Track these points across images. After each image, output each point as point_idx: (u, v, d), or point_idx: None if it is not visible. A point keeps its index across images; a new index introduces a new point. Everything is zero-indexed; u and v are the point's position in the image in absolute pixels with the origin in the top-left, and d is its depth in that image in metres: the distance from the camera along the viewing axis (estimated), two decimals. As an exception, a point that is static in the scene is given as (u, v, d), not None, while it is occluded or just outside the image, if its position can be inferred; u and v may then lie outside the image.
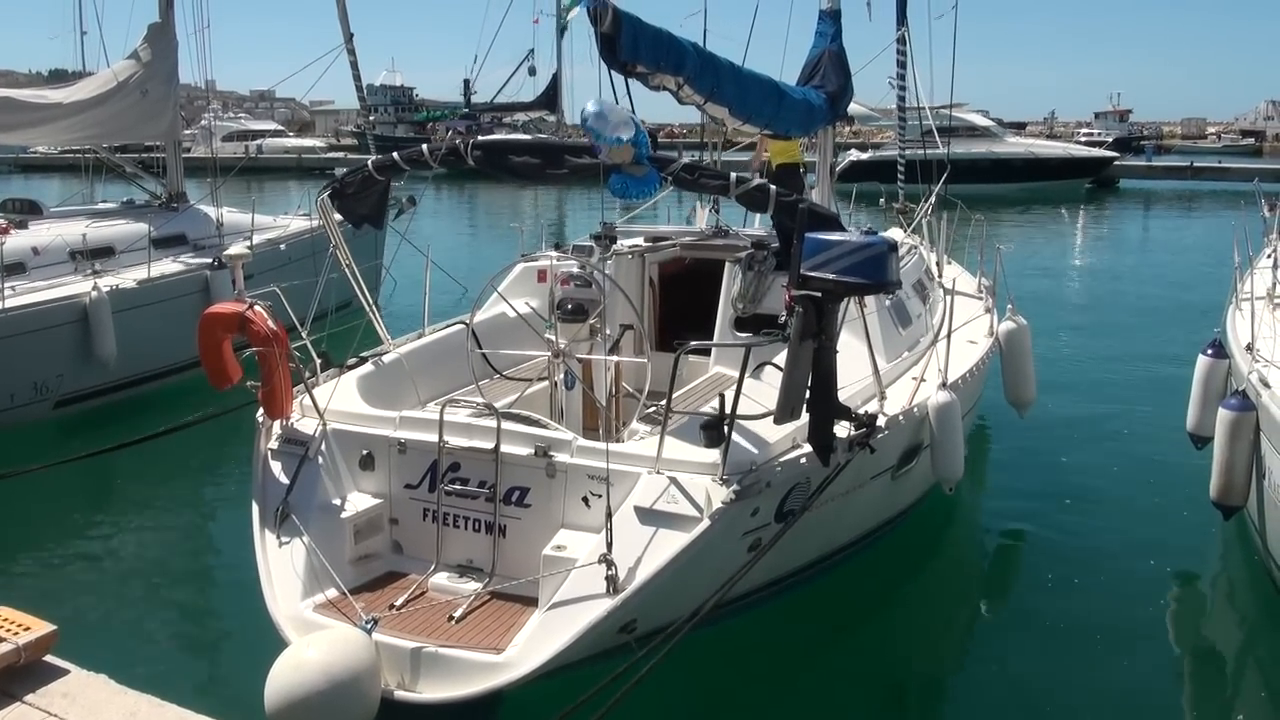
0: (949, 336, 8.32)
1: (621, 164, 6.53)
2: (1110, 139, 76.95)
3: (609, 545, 5.64)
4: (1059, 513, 9.95)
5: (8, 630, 5.25)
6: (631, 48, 7.14)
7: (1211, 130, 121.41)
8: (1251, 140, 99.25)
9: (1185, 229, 38.68)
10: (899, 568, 8.72)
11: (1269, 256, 12.34)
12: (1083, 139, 77.51)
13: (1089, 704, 6.88)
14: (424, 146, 7.49)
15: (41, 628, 5.31)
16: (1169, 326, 18.39)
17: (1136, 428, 12.47)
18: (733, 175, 7.00)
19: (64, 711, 4.92)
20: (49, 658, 5.30)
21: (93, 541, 9.67)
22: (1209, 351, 9.36)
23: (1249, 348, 8.64)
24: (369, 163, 7.66)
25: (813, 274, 5.83)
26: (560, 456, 6.39)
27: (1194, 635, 8.21)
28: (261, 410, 6.99)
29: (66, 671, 5.23)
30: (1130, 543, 9.31)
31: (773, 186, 6.95)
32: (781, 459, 6.32)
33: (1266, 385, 7.86)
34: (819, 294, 5.82)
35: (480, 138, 7.52)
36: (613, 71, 7.32)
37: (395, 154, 7.59)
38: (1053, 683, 7.15)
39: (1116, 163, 55.58)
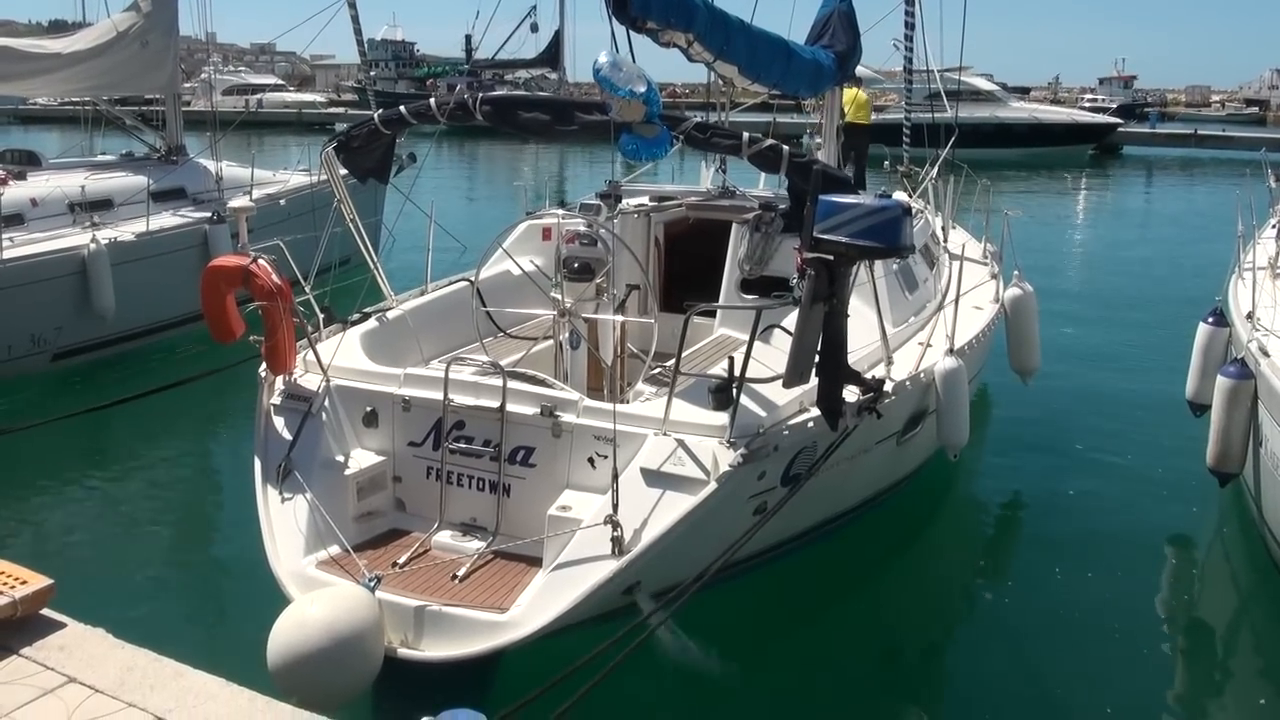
0: (956, 302, 8.27)
1: (632, 122, 6.42)
2: (1114, 105, 76.43)
3: (614, 506, 5.62)
4: (1059, 479, 9.98)
5: (4, 583, 5.23)
6: (642, 3, 7.02)
7: (1216, 98, 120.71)
8: (1255, 109, 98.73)
9: (1188, 197, 38.52)
10: (902, 532, 8.75)
11: (1274, 226, 12.29)
12: (1087, 105, 77.03)
13: (1085, 667, 6.91)
14: (431, 100, 7.36)
15: (38, 581, 5.29)
16: (1171, 294, 18.31)
17: (1137, 395, 12.46)
18: (745, 135, 6.91)
19: (60, 665, 4.91)
20: (46, 611, 5.29)
21: (92, 495, 9.64)
22: (1210, 320, 9.36)
23: (1249, 316, 8.63)
24: (375, 117, 7.55)
25: (826, 237, 5.75)
26: (566, 416, 6.35)
27: (1189, 600, 8.24)
28: (264, 365, 6.93)
29: (63, 625, 5.23)
30: (1128, 509, 9.36)
31: (785, 147, 6.86)
32: (789, 423, 6.28)
33: (1265, 354, 7.87)
34: (831, 257, 5.75)
35: (489, 93, 7.40)
36: (622, 28, 7.21)
37: (402, 108, 7.47)
38: (1050, 646, 7.19)
39: (1120, 129, 55.25)
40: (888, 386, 6.95)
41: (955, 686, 7.02)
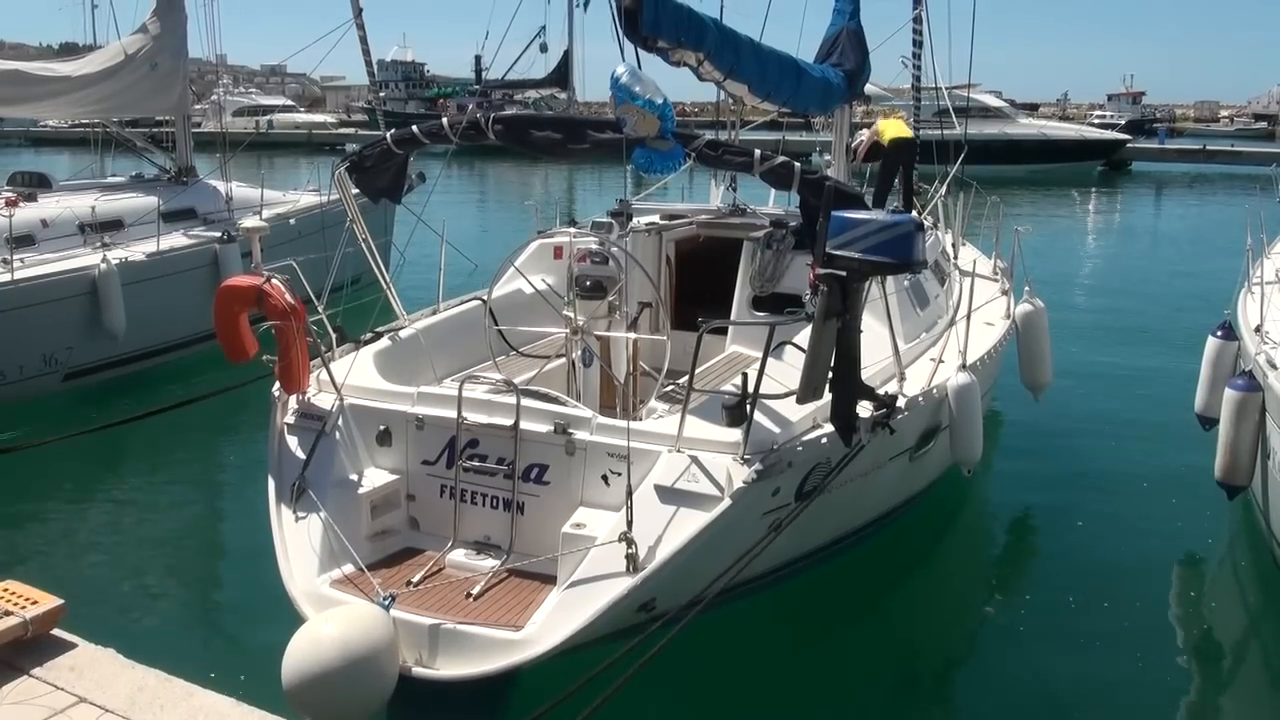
0: (968, 318, 8.25)
1: (645, 138, 6.44)
2: (1123, 121, 76.57)
3: (629, 524, 5.60)
4: (1070, 493, 9.97)
5: (14, 604, 5.24)
6: (653, 22, 7.06)
7: (1224, 113, 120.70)
8: (1264, 124, 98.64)
9: (1197, 212, 38.55)
10: (916, 548, 8.73)
11: None
12: (1095, 121, 77.14)
13: (1097, 681, 6.91)
14: (444, 120, 7.41)
15: (49, 601, 5.30)
16: (1180, 308, 18.35)
17: (1147, 409, 12.48)
18: (756, 152, 6.92)
19: (71, 685, 4.91)
20: (56, 631, 5.30)
21: (103, 515, 9.64)
22: (1219, 333, 9.37)
23: (1258, 329, 8.65)
24: (388, 136, 7.59)
25: (838, 252, 5.75)
26: (580, 434, 6.33)
27: (1198, 613, 8.21)
28: (277, 385, 6.94)
29: (74, 645, 5.24)
30: (1138, 522, 9.37)
31: (797, 164, 6.86)
32: (803, 439, 6.25)
33: (1274, 366, 7.87)
34: (844, 273, 5.75)
35: (501, 113, 7.43)
36: (634, 47, 7.24)
37: (414, 128, 7.50)
38: (1062, 660, 7.18)
39: (1129, 145, 55.34)
40: (901, 402, 6.93)
41: (968, 702, 6.99)
